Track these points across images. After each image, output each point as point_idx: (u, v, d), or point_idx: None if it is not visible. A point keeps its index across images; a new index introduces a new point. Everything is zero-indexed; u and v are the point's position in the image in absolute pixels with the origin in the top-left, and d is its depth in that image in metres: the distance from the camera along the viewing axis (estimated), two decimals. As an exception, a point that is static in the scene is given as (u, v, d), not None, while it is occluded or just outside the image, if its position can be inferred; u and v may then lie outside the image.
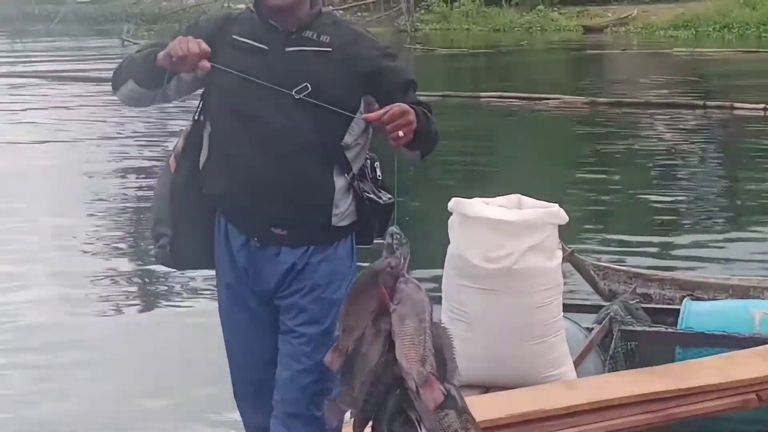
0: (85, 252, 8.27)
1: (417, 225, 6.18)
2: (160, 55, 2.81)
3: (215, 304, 3.24)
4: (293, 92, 2.86)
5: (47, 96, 19.02)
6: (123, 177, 11.44)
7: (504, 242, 4.22)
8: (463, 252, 4.34)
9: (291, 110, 2.90)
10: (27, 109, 17.11)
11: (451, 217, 4.44)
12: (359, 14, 36.98)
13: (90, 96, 18.21)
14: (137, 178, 11.05)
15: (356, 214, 3.02)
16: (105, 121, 14.71)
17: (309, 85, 2.88)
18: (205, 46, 2.78)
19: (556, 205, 4.43)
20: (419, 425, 2.55)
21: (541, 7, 35.90)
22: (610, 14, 35.44)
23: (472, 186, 4.84)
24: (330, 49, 2.95)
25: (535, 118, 16.35)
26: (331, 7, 3.50)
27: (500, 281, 4.25)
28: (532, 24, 35.19)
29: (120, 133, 13.93)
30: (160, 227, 3.13)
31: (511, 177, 5.06)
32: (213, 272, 3.21)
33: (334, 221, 2.98)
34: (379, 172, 3.11)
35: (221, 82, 2.89)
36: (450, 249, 4.43)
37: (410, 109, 2.77)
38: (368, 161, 3.07)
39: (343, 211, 2.99)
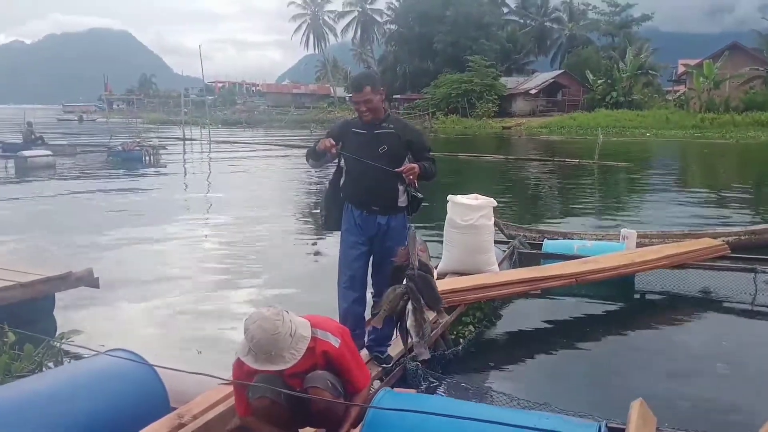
0: (296, 220, 12.64)
1: (437, 206, 7.55)
2: (317, 146, 4.09)
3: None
4: (379, 150, 4.07)
5: (280, 156, 27.97)
6: (308, 189, 16.96)
7: (470, 213, 6.13)
8: (452, 217, 6.27)
9: (381, 157, 4.05)
10: (269, 157, 27.19)
11: (448, 203, 6.36)
12: (408, 119, 49.87)
13: (297, 156, 24.85)
14: (316, 191, 15.98)
15: (407, 201, 4.16)
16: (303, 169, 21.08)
17: (386, 146, 4.08)
18: (332, 142, 4.01)
19: (492, 198, 6.39)
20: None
21: (484, 118, 56.93)
22: (513, 122, 55.40)
23: (456, 191, 6.63)
24: (394, 131, 4.11)
25: (481, 165, 24.68)
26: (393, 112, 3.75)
27: (468, 230, 6.11)
28: (480, 125, 54.60)
29: (309, 174, 19.67)
30: (322, 211, 4.48)
31: (472, 188, 7.03)
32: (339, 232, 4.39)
33: (399, 203, 4.18)
34: (417, 185, 4.13)
35: (348, 151, 4.12)
36: (447, 216, 6.35)
37: (416, 166, 3.95)
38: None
39: (402, 199, 4.16)
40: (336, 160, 4.28)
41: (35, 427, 2.96)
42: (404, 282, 3.79)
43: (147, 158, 23.81)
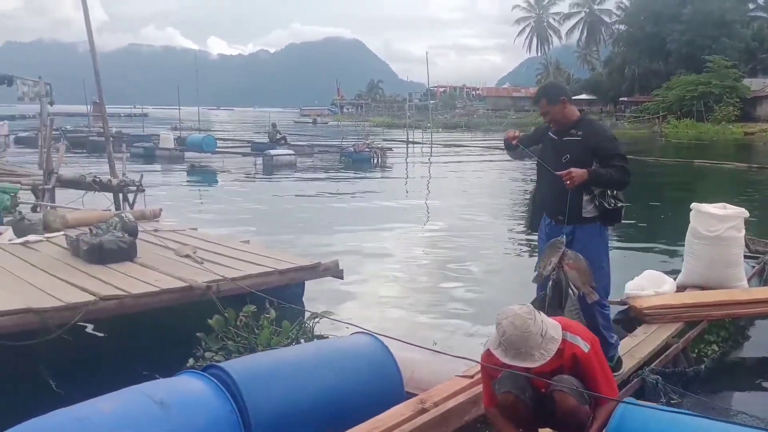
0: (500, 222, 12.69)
1: (674, 215, 7.70)
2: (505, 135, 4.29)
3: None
4: (562, 159, 4.04)
5: (497, 159, 26.23)
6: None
7: (717, 224, 5.75)
8: (696, 227, 5.91)
9: (563, 166, 3.97)
10: (486, 161, 26.71)
11: (692, 212, 5.97)
12: (635, 123, 55.73)
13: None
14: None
15: (597, 212, 4.06)
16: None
17: (569, 156, 4.02)
18: (516, 133, 4.22)
19: (744, 208, 5.93)
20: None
21: (723, 123, 50.91)
22: (757, 127, 49.39)
23: (691, 200, 6.21)
24: (580, 138, 4.03)
25: (721, 172, 22.77)
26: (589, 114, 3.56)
27: (714, 241, 5.73)
28: (717, 130, 49.13)
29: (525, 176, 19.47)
30: (528, 215, 4.65)
31: (715, 197, 6.73)
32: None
33: (584, 214, 4.08)
34: (616, 194, 4.04)
35: (540, 157, 4.19)
36: (690, 225, 5.99)
37: (574, 170, 3.84)
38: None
39: (588, 210, 4.07)
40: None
41: (284, 388, 3.34)
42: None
43: (375, 159, 25.09)
